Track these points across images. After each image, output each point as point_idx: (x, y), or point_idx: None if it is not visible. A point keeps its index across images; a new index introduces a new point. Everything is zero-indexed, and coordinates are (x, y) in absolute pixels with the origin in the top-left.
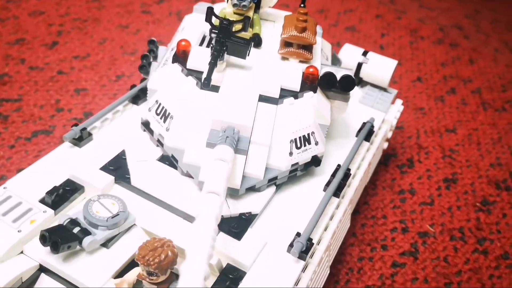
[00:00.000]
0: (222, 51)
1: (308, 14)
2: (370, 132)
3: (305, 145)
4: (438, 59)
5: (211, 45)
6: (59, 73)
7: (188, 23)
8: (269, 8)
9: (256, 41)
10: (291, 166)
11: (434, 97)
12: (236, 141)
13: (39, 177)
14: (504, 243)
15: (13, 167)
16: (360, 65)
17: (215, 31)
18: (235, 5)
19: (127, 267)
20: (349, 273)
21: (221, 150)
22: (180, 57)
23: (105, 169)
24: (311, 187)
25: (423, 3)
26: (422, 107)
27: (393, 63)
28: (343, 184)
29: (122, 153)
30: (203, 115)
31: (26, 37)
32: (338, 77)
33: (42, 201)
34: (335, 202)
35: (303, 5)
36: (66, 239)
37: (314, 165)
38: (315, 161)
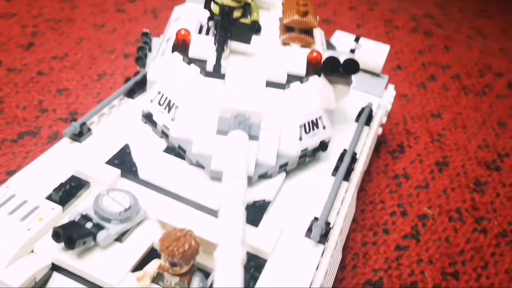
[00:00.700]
0: (227, 37)
1: None
2: (370, 117)
3: (313, 130)
4: (414, 47)
5: (214, 32)
6: (38, 74)
7: (182, 13)
8: None
9: (256, 28)
10: (301, 151)
11: (415, 84)
12: (248, 127)
13: (41, 174)
14: (501, 221)
15: (1, 169)
16: (352, 52)
17: (217, 18)
18: None
19: (143, 261)
20: (355, 258)
21: (236, 135)
22: (179, 46)
23: (111, 163)
24: (318, 172)
25: None
26: (405, 94)
27: (385, 48)
28: (351, 168)
29: (125, 147)
30: (210, 103)
31: (0, 39)
32: (341, 61)
33: (49, 198)
34: (344, 186)
35: None
36: (80, 234)
37: (321, 150)
38: (322, 146)
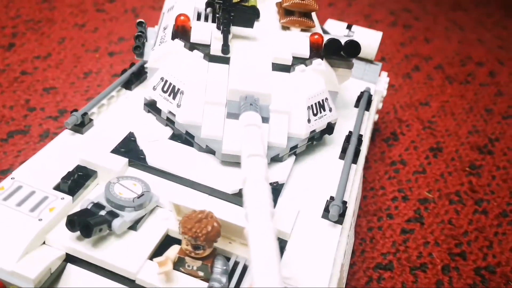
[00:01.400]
0: (230, 19)
1: None
2: (369, 101)
3: (320, 112)
4: (396, 40)
5: (217, 15)
6: (22, 73)
7: (175, 2)
8: None
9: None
10: (310, 133)
11: (401, 75)
12: (259, 109)
13: (46, 165)
14: (500, 202)
15: None
16: None
17: (219, 1)
18: None
19: (159, 249)
20: (362, 244)
21: (249, 116)
22: (180, 33)
23: (116, 151)
24: (325, 155)
25: None
26: (392, 84)
27: (378, 35)
28: (358, 149)
29: (130, 135)
30: (216, 87)
31: None
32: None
33: (57, 188)
34: (353, 168)
35: None
36: (96, 222)
37: (328, 133)
38: (329, 129)
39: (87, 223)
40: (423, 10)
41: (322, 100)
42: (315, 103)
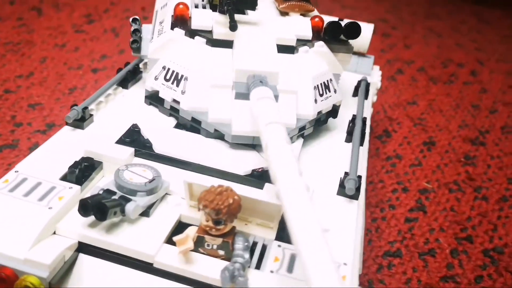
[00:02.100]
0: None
1: None
2: (367, 89)
3: (326, 93)
4: (376, 47)
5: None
6: (6, 91)
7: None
8: None
9: None
10: (317, 114)
11: (385, 77)
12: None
13: (49, 158)
14: (498, 188)
15: None
16: None
17: None
18: None
19: (173, 235)
20: (368, 234)
21: (260, 90)
22: (179, 22)
23: (121, 142)
24: (331, 140)
25: (344, 3)
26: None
27: (370, 27)
28: (364, 131)
29: (134, 126)
30: (221, 70)
31: None
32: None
33: (64, 179)
34: (360, 149)
35: None
36: (112, 204)
37: (332, 116)
38: (333, 112)
39: (102, 205)
40: (399, 19)
41: (327, 81)
42: (321, 84)
